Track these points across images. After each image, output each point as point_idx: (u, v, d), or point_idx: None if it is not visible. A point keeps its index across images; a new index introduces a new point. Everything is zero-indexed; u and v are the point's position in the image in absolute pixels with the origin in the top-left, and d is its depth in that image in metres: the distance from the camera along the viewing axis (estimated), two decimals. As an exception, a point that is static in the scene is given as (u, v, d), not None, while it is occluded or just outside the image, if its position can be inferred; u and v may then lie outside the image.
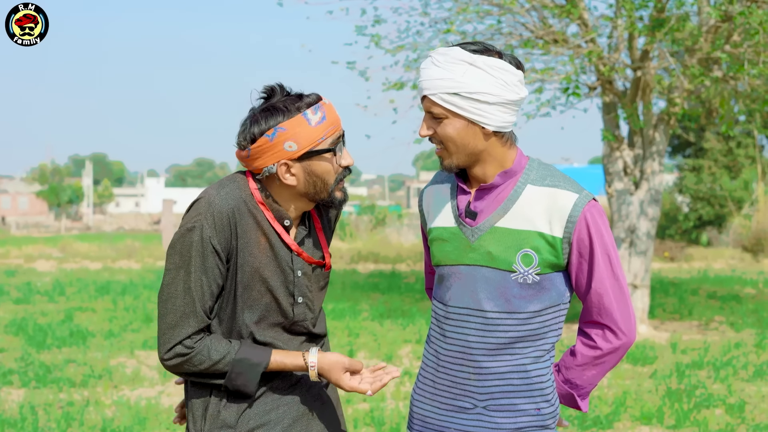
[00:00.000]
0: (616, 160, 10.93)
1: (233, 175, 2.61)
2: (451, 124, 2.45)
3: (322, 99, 2.53)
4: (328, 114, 2.51)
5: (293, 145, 2.46)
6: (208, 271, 2.48)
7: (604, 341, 2.53)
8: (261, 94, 2.55)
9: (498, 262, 2.49)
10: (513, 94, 2.44)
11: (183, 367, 2.49)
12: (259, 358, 2.50)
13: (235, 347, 2.50)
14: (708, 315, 12.20)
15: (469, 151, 2.48)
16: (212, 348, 2.48)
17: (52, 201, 66.79)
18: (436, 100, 2.44)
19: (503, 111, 2.45)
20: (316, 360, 2.52)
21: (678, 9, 9.81)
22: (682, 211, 27.03)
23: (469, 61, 2.42)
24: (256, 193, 2.55)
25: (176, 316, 2.48)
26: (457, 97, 2.42)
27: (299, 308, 2.61)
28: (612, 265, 2.49)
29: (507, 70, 2.43)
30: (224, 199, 2.51)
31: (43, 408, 6.96)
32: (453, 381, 2.57)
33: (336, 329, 10.65)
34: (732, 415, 6.80)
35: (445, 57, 2.45)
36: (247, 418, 2.55)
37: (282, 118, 2.46)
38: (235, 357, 2.48)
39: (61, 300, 13.90)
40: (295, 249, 2.58)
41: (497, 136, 2.49)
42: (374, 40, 10.76)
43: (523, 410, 2.53)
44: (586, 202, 2.47)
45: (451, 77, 2.41)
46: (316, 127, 2.47)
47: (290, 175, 2.51)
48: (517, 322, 2.50)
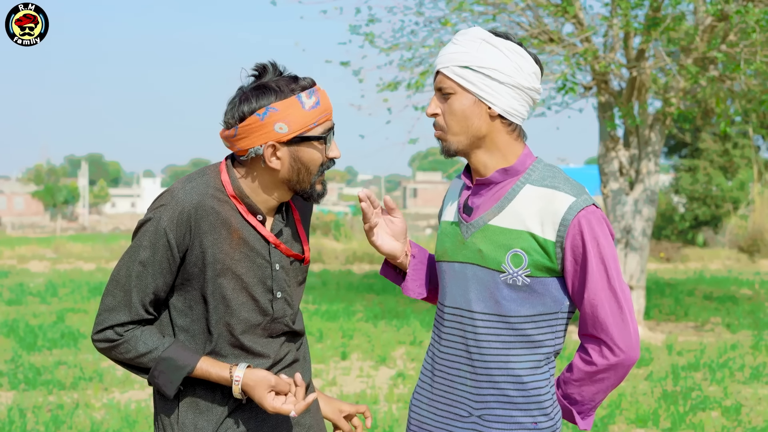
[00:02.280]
0: (611, 160, 10.89)
1: (204, 169, 2.52)
2: (458, 100, 2.41)
3: (317, 85, 2.44)
4: (323, 100, 2.42)
5: (284, 127, 2.37)
6: (156, 264, 2.40)
7: (600, 357, 2.41)
8: (252, 71, 2.44)
9: (487, 260, 2.42)
10: (526, 80, 2.40)
11: (111, 353, 2.45)
12: (184, 362, 2.41)
13: (164, 344, 2.42)
14: (704, 316, 12.16)
15: (472, 133, 2.42)
16: (141, 340, 2.42)
17: (48, 201, 66.71)
18: (447, 73, 2.41)
19: (513, 95, 2.40)
20: (242, 375, 2.41)
21: (674, 8, 9.76)
22: (678, 212, 27.01)
23: (485, 39, 2.41)
24: (228, 186, 2.46)
25: (114, 301, 2.43)
26: (467, 71, 2.39)
27: (278, 304, 2.52)
28: (609, 275, 2.37)
29: (523, 56, 2.41)
30: (188, 193, 2.42)
31: (32, 410, 6.89)
32: (449, 386, 2.50)
33: (330, 330, 10.59)
34: (728, 417, 6.74)
35: (464, 36, 2.44)
36: (225, 428, 2.48)
37: (275, 98, 2.36)
38: (161, 355, 2.41)
39: (54, 301, 13.83)
40: (272, 241, 2.49)
41: (503, 121, 2.43)
42: (368, 38, 10.70)
43: (520, 423, 2.43)
44: (582, 206, 2.36)
45: (465, 50, 2.40)
46: (310, 112, 2.38)
47: (276, 158, 2.41)
48: (507, 326, 2.41)
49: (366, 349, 9.49)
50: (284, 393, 2.42)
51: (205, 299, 2.45)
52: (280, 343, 2.56)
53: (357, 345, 9.76)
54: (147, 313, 2.45)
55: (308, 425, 2.64)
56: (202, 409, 2.47)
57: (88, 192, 68.18)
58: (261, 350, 2.51)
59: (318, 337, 10.19)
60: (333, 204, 62.04)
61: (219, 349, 2.47)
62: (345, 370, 8.51)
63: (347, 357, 9.13)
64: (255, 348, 2.50)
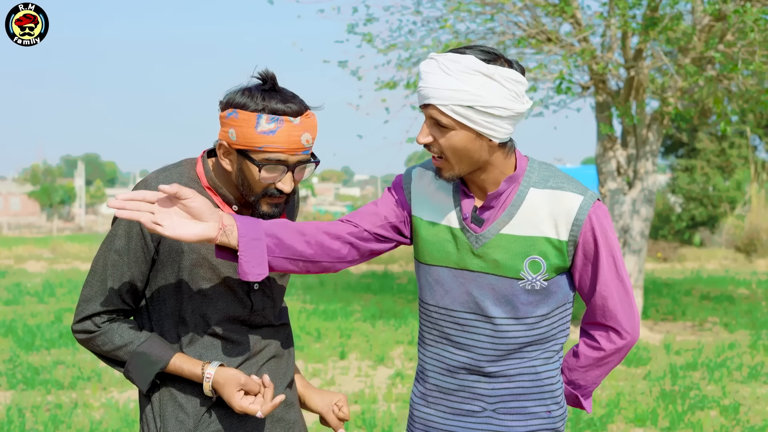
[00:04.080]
0: (609, 160, 10.90)
1: (181, 161, 2.54)
2: (457, 135, 2.32)
3: (296, 118, 2.37)
4: (283, 133, 2.36)
5: (233, 135, 2.38)
6: (130, 253, 2.42)
7: (608, 342, 2.48)
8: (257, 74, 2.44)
9: (505, 269, 2.40)
10: (521, 106, 2.34)
11: (89, 344, 2.48)
12: (158, 357, 2.43)
13: (140, 339, 2.44)
14: (701, 316, 12.17)
15: (473, 162, 2.38)
16: (117, 333, 2.44)
17: (44, 202, 66.69)
18: (446, 111, 2.30)
19: (511, 123, 2.35)
20: (213, 372, 2.42)
21: (671, 8, 9.78)
22: (675, 212, 27.05)
23: (486, 73, 2.28)
24: (203, 177, 2.48)
25: (92, 291, 2.45)
26: (471, 111, 2.29)
27: (257, 296, 2.52)
28: (617, 266, 2.43)
29: (519, 81, 2.32)
30: (162, 182, 2.43)
31: (31, 410, 6.88)
32: (461, 385, 2.50)
33: (328, 330, 10.60)
34: (726, 416, 6.75)
35: (457, 65, 2.29)
36: (206, 422, 2.48)
37: (243, 104, 2.37)
38: (135, 349, 2.43)
39: (51, 301, 13.81)
40: None
41: (501, 147, 2.40)
42: (366, 38, 10.70)
43: (534, 413, 2.48)
44: (591, 203, 2.39)
45: (466, 89, 2.27)
46: (260, 135, 2.35)
47: (227, 160, 2.44)
48: (526, 328, 2.44)
49: (364, 349, 9.49)
50: (254, 393, 2.42)
51: (181, 289, 2.45)
52: (259, 337, 2.55)
53: (355, 345, 9.76)
54: (124, 303, 2.47)
55: (293, 421, 2.64)
56: (181, 403, 2.47)
57: (84, 192, 68.11)
58: (237, 340, 2.51)
59: (316, 336, 10.20)
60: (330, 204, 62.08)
61: (194, 339, 2.48)
62: (343, 370, 8.51)
63: (345, 356, 9.13)
64: (231, 338, 2.50)
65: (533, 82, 10.55)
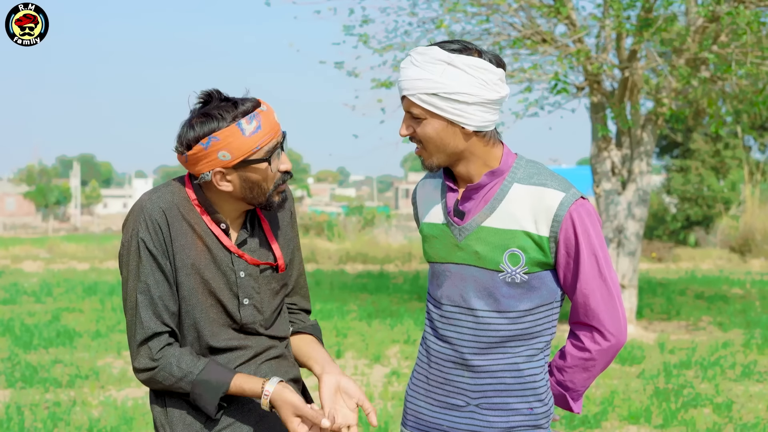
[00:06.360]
0: (603, 161, 10.95)
1: (169, 181, 2.60)
2: (430, 124, 2.42)
3: (260, 106, 2.47)
4: (264, 123, 2.45)
5: (227, 155, 2.42)
6: (155, 274, 2.47)
7: (592, 343, 2.50)
8: (198, 98, 2.49)
9: (485, 261, 2.47)
10: (493, 93, 2.40)
11: (153, 383, 2.49)
12: (219, 381, 2.45)
13: (199, 366, 2.46)
14: (696, 315, 12.23)
15: (450, 151, 2.45)
16: (175, 365, 2.46)
17: (40, 202, 66.56)
18: (414, 100, 2.40)
19: (483, 111, 2.41)
20: (272, 391, 2.45)
21: (665, 9, 9.83)
22: (670, 212, 27.09)
23: (447, 61, 2.38)
24: (192, 196, 2.54)
25: (133, 327, 2.48)
26: (435, 98, 2.38)
27: (246, 310, 2.57)
28: (599, 265, 2.46)
29: (486, 69, 2.39)
30: (155, 202, 2.49)
31: (30, 408, 6.92)
32: (445, 378, 2.56)
33: (324, 329, 10.63)
34: (719, 414, 6.81)
35: (423, 56, 2.41)
36: (213, 422, 2.53)
37: (216, 126, 2.41)
38: (196, 378, 2.45)
39: (49, 300, 13.83)
40: (234, 251, 2.54)
41: (478, 135, 2.45)
42: (362, 39, 10.74)
43: (516, 409, 2.52)
44: (572, 200, 2.43)
45: (430, 77, 2.38)
46: (251, 137, 2.42)
47: (226, 182, 2.47)
48: (508, 321, 2.48)
49: (360, 348, 9.54)
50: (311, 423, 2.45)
51: (181, 300, 2.51)
52: (256, 342, 2.61)
53: (351, 344, 9.81)
54: (164, 324, 2.49)
55: None
56: (189, 405, 2.52)
57: (80, 192, 68.02)
58: (238, 345, 2.57)
59: (312, 335, 10.21)
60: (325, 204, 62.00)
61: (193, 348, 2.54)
62: (340, 369, 8.54)
63: (342, 355, 9.18)
64: (230, 345, 2.56)
65: (528, 82, 10.60)
